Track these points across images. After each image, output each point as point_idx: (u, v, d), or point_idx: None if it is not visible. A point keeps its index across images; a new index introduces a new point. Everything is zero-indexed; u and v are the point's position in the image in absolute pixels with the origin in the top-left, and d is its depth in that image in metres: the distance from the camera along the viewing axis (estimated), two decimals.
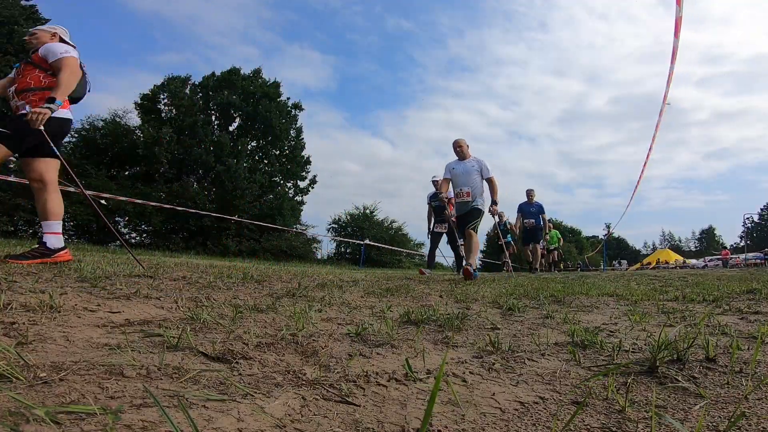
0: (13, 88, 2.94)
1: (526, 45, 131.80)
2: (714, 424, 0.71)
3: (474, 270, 4.78)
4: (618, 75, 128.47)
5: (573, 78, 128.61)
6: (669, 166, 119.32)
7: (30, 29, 3.20)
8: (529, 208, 9.47)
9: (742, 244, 48.05)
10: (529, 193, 9.76)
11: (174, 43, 76.27)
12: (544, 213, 9.61)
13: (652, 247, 76.58)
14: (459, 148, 5.37)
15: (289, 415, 0.69)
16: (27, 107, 2.82)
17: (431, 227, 7.08)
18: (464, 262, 5.03)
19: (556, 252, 13.18)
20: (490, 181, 5.26)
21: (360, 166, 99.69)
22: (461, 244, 5.97)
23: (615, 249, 63.93)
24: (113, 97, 69.97)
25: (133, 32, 72.22)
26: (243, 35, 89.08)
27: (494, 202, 5.32)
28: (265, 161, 25.63)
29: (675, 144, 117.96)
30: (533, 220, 9.39)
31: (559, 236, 13.52)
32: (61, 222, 3.04)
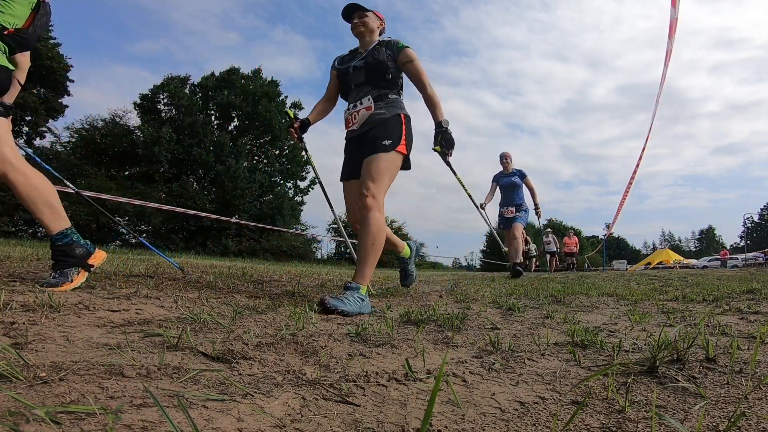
0: None
1: (527, 26, 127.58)
2: (714, 424, 0.71)
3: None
4: (624, 60, 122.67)
5: (576, 63, 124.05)
6: (676, 161, 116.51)
7: None
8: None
9: (742, 244, 48.10)
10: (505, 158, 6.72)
11: (149, 30, 71.66)
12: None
13: (652, 246, 76.64)
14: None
15: (289, 415, 0.69)
16: None
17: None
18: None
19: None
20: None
21: None
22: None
23: (615, 249, 63.94)
24: (92, 91, 65.65)
25: (103, 18, 66.64)
26: (222, 19, 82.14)
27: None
28: (265, 161, 25.64)
29: (682, 138, 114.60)
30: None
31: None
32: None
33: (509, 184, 6.54)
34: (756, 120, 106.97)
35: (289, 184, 26.54)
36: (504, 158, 6.69)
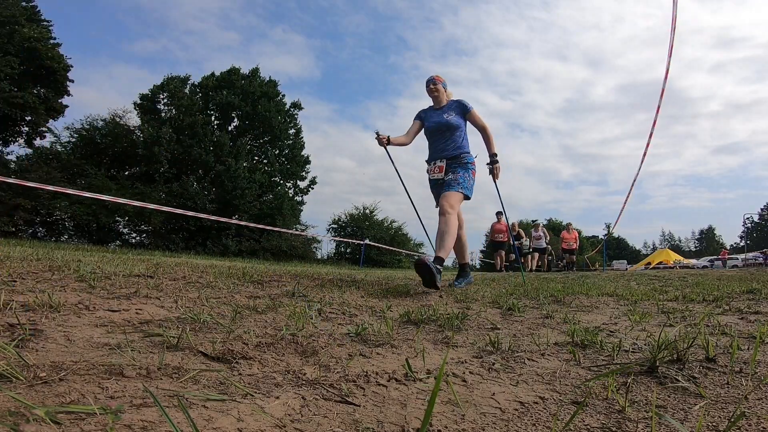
0: None
1: (527, 25, 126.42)
2: (714, 424, 0.71)
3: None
4: (625, 59, 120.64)
5: (577, 62, 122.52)
6: (676, 161, 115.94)
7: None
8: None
9: (742, 244, 48.13)
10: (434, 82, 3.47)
11: (148, 29, 71.33)
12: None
13: (652, 247, 76.59)
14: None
15: (289, 415, 0.69)
16: None
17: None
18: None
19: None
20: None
21: (354, 162, 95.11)
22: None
23: (615, 249, 63.91)
24: (92, 91, 64.43)
25: (101, 18, 65.89)
26: (221, 18, 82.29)
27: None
28: (265, 161, 25.65)
29: (683, 137, 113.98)
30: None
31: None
32: None
33: (439, 125, 3.41)
34: (757, 119, 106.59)
35: (289, 184, 26.54)
36: (431, 83, 3.47)
